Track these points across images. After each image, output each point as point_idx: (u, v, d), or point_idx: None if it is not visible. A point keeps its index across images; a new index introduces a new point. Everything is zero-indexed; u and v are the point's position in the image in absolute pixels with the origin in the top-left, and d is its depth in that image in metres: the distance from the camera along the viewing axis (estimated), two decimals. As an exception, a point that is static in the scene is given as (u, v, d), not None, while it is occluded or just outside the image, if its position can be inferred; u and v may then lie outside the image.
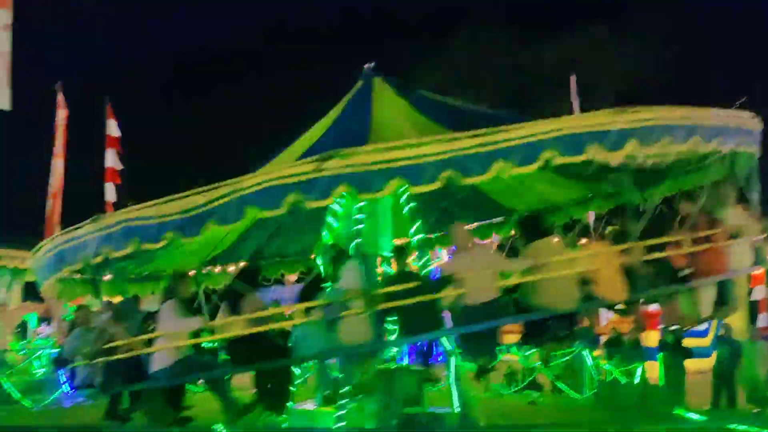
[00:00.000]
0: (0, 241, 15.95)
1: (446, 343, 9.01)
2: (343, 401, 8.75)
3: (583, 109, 9.93)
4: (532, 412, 12.27)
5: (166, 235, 7.26)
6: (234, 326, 7.91)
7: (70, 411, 12.65)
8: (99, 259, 7.73)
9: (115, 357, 8.04)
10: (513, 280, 7.87)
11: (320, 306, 7.83)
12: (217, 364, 8.54)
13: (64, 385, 14.47)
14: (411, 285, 7.59)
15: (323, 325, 7.77)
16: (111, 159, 14.34)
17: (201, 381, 8.97)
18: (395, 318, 7.98)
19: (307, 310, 7.89)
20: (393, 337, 8.42)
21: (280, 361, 8.04)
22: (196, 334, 8.18)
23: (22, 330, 17.40)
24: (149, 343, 8.05)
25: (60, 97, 14.39)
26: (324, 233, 9.79)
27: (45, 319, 16.31)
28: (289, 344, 8.28)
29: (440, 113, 9.12)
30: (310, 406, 9.43)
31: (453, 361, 9.49)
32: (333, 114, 10.05)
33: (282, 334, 8.47)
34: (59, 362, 9.42)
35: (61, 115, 14.26)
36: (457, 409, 9.47)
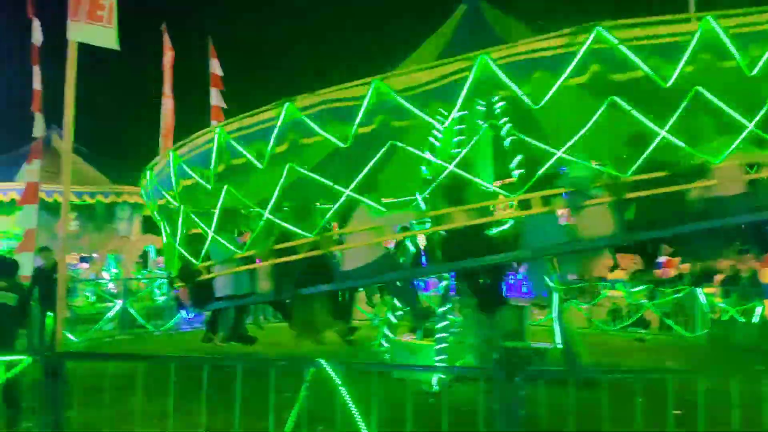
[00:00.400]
0: (120, 179, 17.07)
1: (548, 280, 8.82)
2: (443, 335, 8.84)
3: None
4: (637, 349, 11.92)
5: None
6: (446, 219, 7.00)
7: (189, 335, 13.63)
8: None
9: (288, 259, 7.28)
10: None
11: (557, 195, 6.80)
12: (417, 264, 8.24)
13: (182, 311, 15.59)
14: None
15: (556, 217, 6.91)
16: (216, 97, 14.74)
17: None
18: None
19: (545, 199, 6.74)
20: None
21: (505, 256, 6.96)
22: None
23: (143, 260, 18.74)
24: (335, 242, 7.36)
25: (165, 38, 14.81)
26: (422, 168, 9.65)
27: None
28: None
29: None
30: (410, 338, 9.60)
31: (556, 296, 9.32)
32: (443, 37, 9.57)
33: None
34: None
35: (168, 56, 14.73)
36: (559, 344, 9.35)
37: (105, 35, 4.04)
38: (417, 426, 3.88)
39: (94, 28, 3.98)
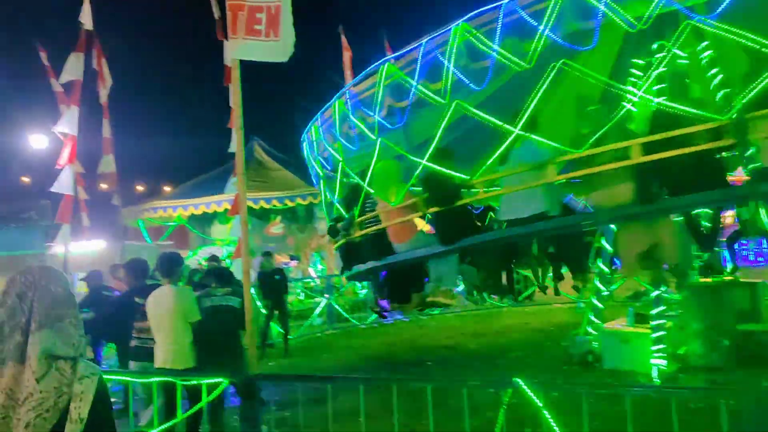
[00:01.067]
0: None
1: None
2: (660, 321, 7.92)
3: None
4: None
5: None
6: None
7: (390, 327, 13.92)
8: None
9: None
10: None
11: None
12: None
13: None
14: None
15: None
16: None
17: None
18: None
19: None
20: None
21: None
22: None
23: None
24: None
25: (343, 40, 15.16)
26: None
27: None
28: None
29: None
30: (620, 325, 8.75)
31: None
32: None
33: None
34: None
35: (346, 56, 15.09)
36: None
37: (267, 49, 4.02)
38: (638, 427, 3.29)
39: (254, 44, 3.98)
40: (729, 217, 9.59)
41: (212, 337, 5.88)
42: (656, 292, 8.00)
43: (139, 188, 21.64)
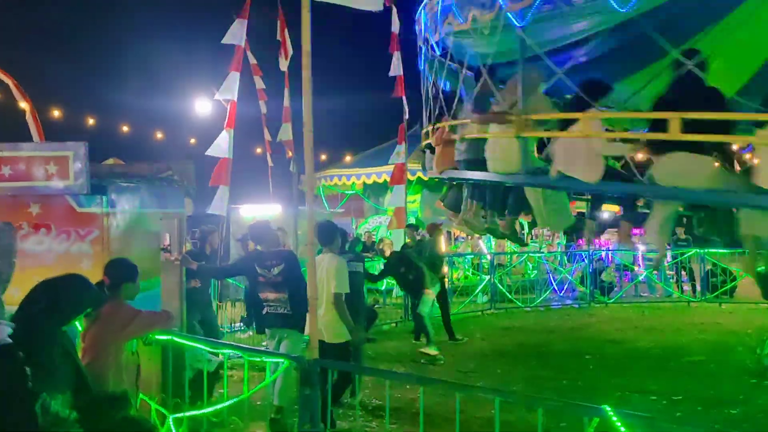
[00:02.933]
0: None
1: None
2: None
3: None
4: None
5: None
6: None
7: (557, 312, 12.96)
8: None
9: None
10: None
11: None
12: None
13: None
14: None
15: None
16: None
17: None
18: None
19: None
20: None
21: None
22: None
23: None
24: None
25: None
26: None
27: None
28: None
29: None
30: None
31: None
32: None
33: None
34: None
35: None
36: None
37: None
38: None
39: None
40: None
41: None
42: None
43: (323, 157, 22.46)
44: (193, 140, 21.80)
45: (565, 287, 15.16)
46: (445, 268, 11.14)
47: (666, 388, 7.07)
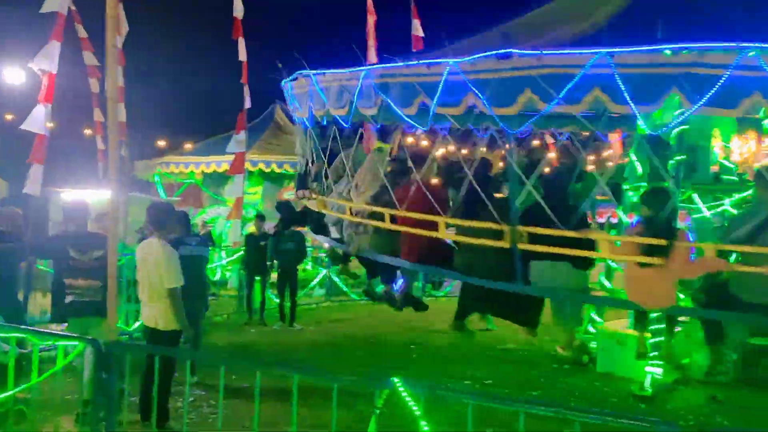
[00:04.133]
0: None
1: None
2: (661, 325, 7.16)
3: None
4: None
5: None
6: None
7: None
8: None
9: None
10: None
11: None
12: None
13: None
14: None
15: None
16: (416, 29, 14.04)
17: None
18: None
19: None
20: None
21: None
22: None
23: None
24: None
25: (369, 2, 14.44)
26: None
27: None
28: None
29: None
30: (623, 326, 8.01)
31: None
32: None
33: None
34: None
35: (370, 20, 14.36)
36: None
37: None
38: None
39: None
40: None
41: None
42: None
43: (162, 143, 21.42)
44: (9, 115, 19.80)
45: (400, 282, 15.66)
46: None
47: (480, 374, 7.60)
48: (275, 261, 10.98)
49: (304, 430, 3.46)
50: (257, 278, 11.27)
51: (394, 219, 6.81)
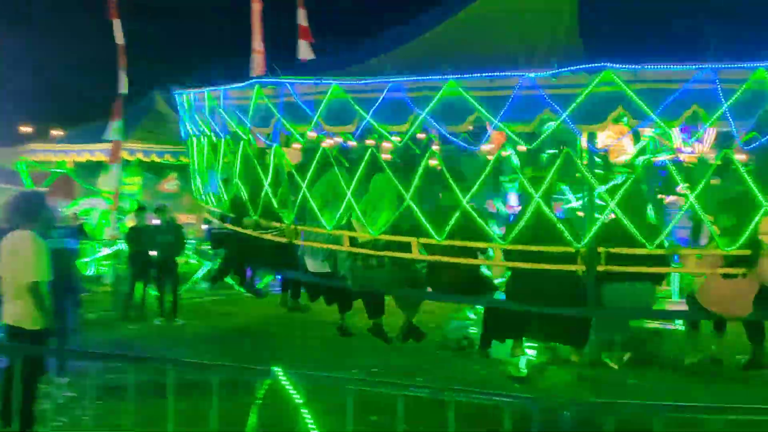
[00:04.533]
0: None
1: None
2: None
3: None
4: None
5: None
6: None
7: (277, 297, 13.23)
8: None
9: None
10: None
11: None
12: None
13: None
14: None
15: None
16: (304, 51, 13.93)
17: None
18: None
19: None
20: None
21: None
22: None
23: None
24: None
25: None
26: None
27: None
28: None
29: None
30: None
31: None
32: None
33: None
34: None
35: (256, 8, 14.08)
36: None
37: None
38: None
39: None
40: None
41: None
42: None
43: (26, 129, 19.83)
44: None
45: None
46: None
47: (367, 363, 7.71)
48: (154, 254, 10.62)
49: (181, 428, 3.34)
50: (138, 273, 10.84)
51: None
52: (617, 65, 5.26)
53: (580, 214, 7.89)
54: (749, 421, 2.73)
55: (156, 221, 11.11)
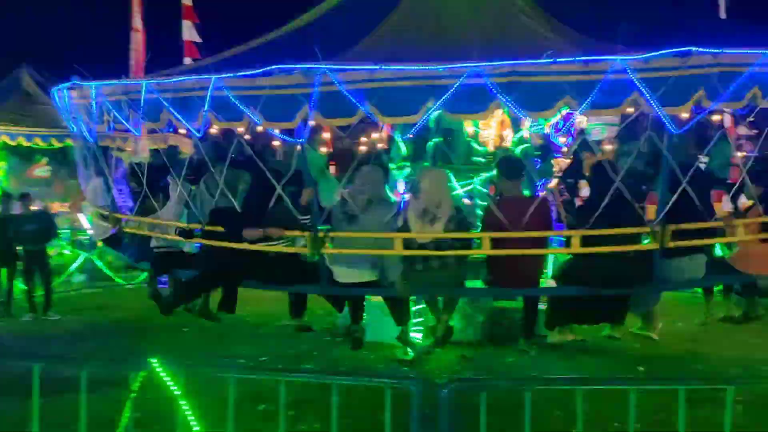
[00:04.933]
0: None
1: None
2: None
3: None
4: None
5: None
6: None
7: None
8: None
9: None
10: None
11: None
12: None
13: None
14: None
15: None
16: (188, 32, 13.41)
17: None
18: None
19: None
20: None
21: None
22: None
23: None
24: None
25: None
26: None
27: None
28: None
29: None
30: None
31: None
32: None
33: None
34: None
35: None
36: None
37: None
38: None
39: None
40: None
41: None
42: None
43: None
44: None
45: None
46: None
47: (255, 352, 7.63)
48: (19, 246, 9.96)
49: (50, 429, 3.16)
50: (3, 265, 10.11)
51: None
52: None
53: (466, 201, 8.22)
54: (605, 391, 2.98)
55: (20, 210, 10.41)
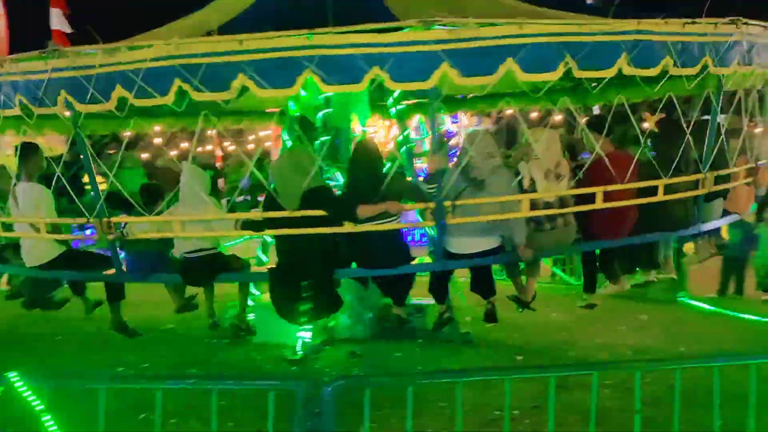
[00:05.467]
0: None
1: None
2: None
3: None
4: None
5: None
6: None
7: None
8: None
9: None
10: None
11: None
12: None
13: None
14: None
15: None
16: (56, 21, 12.51)
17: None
18: None
19: None
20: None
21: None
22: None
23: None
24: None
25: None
26: (289, 103, 8.41)
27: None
28: None
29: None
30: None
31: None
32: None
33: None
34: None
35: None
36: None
37: None
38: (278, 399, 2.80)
39: None
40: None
41: None
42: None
43: None
44: None
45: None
46: None
47: (136, 359, 7.28)
48: None
49: None
50: None
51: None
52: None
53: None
54: (485, 381, 3.12)
55: None
